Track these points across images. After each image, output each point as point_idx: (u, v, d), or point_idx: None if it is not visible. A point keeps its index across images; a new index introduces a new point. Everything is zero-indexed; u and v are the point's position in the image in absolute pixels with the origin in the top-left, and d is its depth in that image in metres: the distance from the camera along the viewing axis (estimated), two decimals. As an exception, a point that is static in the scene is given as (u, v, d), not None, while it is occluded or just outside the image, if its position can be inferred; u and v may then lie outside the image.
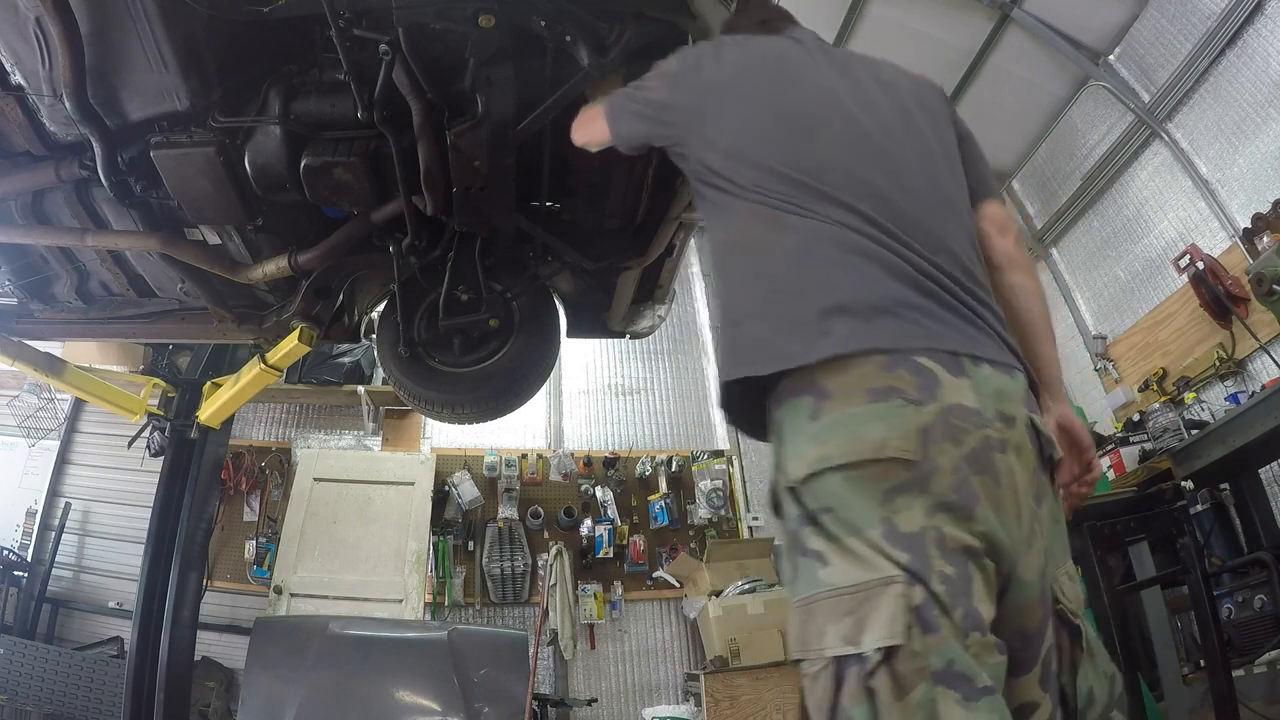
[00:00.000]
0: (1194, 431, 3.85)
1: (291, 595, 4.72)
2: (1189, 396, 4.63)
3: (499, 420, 2.53)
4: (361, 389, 5.39)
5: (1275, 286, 3.70)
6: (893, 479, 0.98)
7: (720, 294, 1.29)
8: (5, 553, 4.61)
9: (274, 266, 2.18)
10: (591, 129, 1.57)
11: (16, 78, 1.83)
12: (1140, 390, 5.15)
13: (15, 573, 4.60)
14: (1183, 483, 3.00)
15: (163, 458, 3.58)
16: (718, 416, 6.57)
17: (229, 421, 3.63)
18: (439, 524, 5.32)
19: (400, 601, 4.85)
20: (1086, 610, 1.19)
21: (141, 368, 4.68)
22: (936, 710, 0.88)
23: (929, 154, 1.30)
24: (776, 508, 1.11)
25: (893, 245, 1.13)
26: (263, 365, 2.78)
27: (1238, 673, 2.90)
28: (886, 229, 1.14)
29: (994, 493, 0.99)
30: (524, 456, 5.76)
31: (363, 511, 5.12)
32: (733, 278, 1.24)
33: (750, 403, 1.17)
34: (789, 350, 1.07)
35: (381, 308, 2.59)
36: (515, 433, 5.92)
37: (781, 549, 1.13)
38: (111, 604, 4.75)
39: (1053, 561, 1.07)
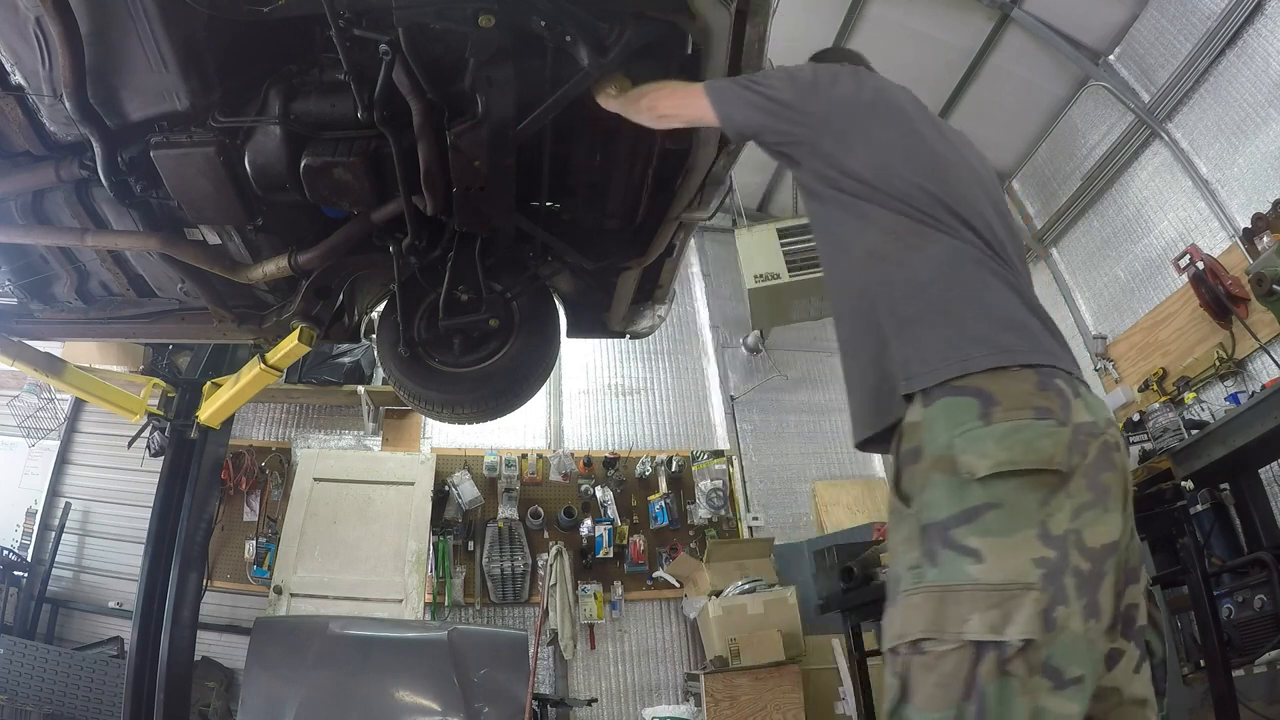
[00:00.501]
0: (1194, 431, 3.85)
1: (291, 595, 4.72)
2: (1189, 396, 4.63)
3: (499, 420, 2.53)
4: (361, 389, 5.39)
5: (1275, 286, 3.70)
6: (1050, 486, 1.12)
7: (865, 299, 1.36)
8: (5, 553, 4.61)
9: (274, 266, 2.18)
10: (688, 105, 1.60)
11: (16, 78, 1.82)
12: (1140, 390, 5.15)
13: (15, 573, 4.59)
14: (1183, 483, 2.99)
15: (163, 458, 3.58)
16: (718, 416, 6.58)
17: (229, 421, 3.63)
18: (439, 524, 5.32)
19: (400, 601, 4.85)
20: None
21: (141, 368, 4.69)
22: (1038, 695, 1.05)
23: (1005, 206, 1.52)
24: (906, 498, 1.21)
25: (1011, 274, 1.32)
26: (263, 365, 2.78)
27: (1238, 673, 2.90)
28: (1007, 259, 1.34)
29: (1117, 480, 1.17)
30: (524, 456, 5.76)
31: (363, 511, 5.12)
32: (882, 284, 1.34)
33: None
34: (974, 355, 1.20)
35: (381, 308, 2.59)
36: (515, 433, 5.93)
37: (902, 528, 1.20)
38: (111, 604, 4.75)
39: (1129, 526, 1.23)
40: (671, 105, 1.64)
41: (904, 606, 1.14)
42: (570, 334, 2.67)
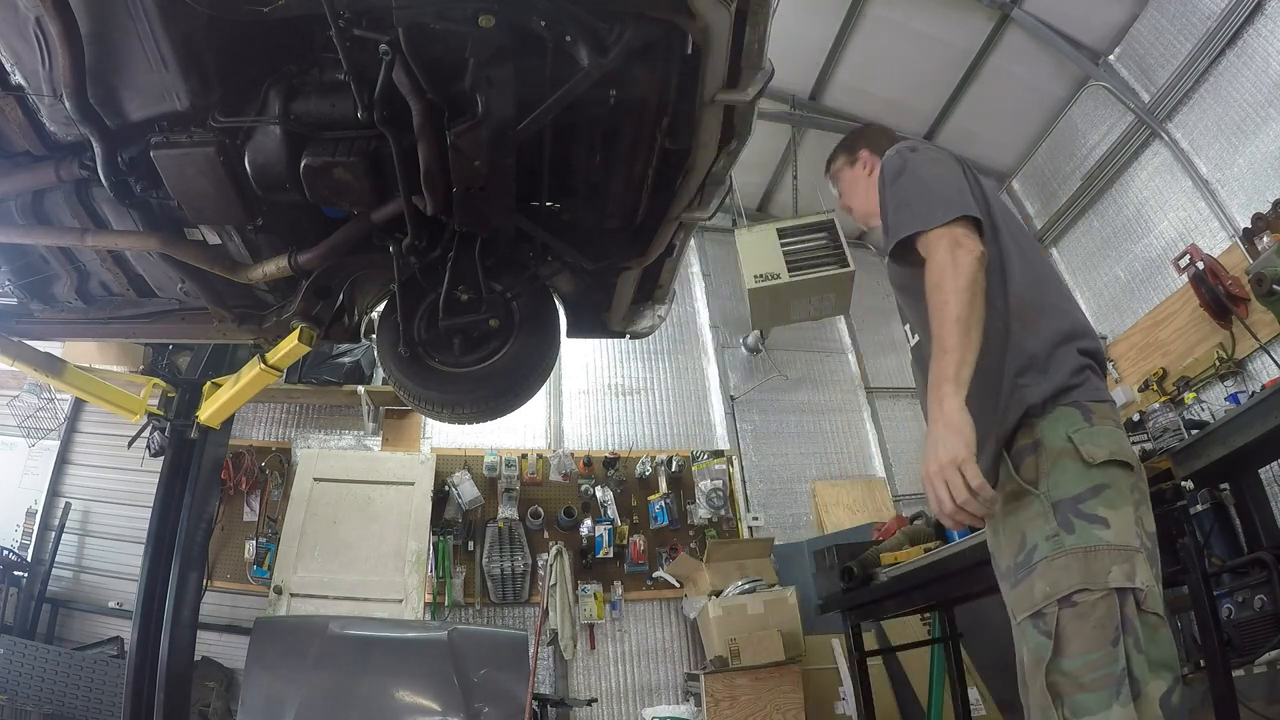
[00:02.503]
0: (1194, 431, 3.84)
1: (291, 595, 4.72)
2: (1189, 396, 4.64)
3: (499, 420, 2.53)
4: (361, 389, 5.39)
5: (1275, 286, 3.70)
6: (1134, 478, 1.44)
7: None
8: (5, 553, 4.61)
9: (274, 266, 2.18)
10: (958, 261, 1.47)
11: (16, 78, 1.82)
12: (1140, 390, 5.16)
13: (15, 573, 4.59)
14: (1183, 483, 2.99)
15: (163, 458, 3.58)
16: (718, 416, 6.59)
17: (229, 421, 3.63)
18: (439, 524, 5.32)
19: (400, 601, 4.84)
20: None
21: (141, 368, 4.68)
22: (1162, 627, 1.35)
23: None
24: (1032, 481, 1.43)
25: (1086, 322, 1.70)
26: (263, 365, 2.78)
27: (1238, 673, 2.90)
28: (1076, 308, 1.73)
29: (1147, 489, 1.49)
30: (524, 456, 5.76)
31: (363, 511, 5.12)
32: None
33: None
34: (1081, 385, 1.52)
35: (381, 308, 2.59)
36: (515, 433, 5.93)
37: (1031, 506, 1.44)
38: (111, 604, 4.75)
39: None
40: (949, 274, 1.45)
41: (1050, 569, 1.35)
42: (570, 334, 2.67)
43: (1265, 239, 4.20)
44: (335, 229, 2.13)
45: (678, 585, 5.53)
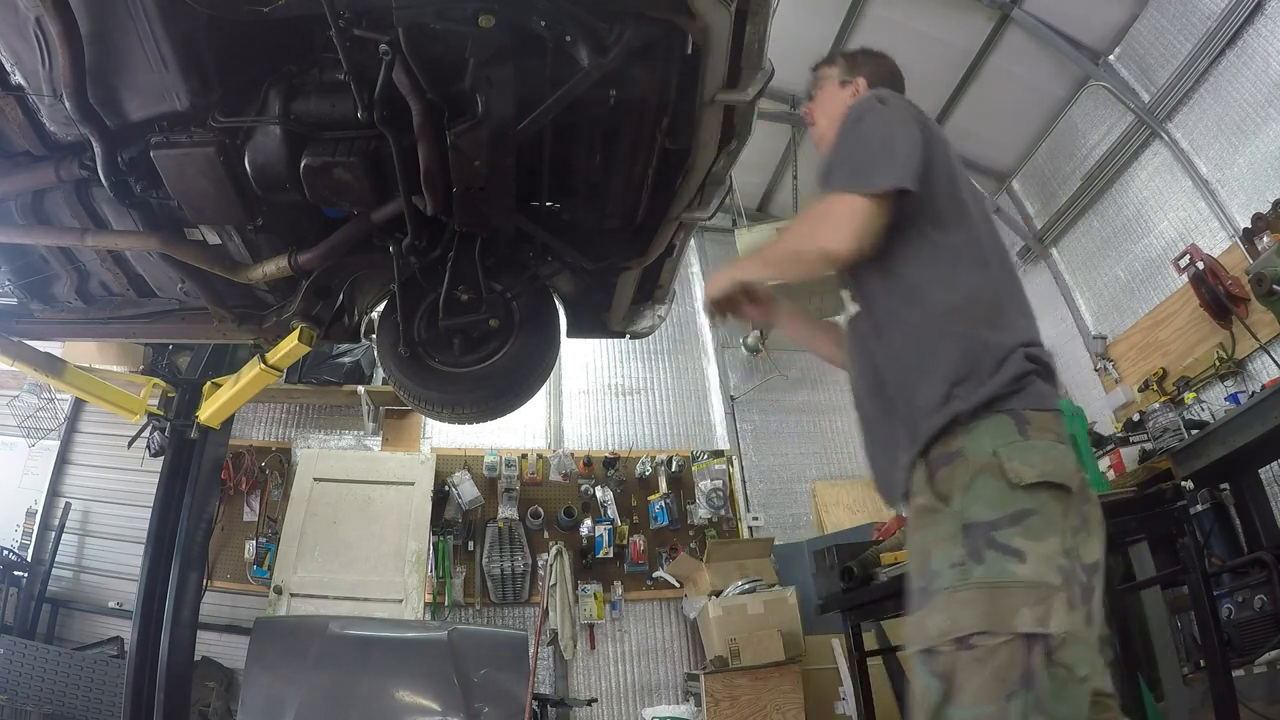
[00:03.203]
0: (1194, 431, 3.86)
1: (291, 595, 4.72)
2: (1189, 396, 4.63)
3: (499, 420, 2.53)
4: (361, 389, 5.39)
5: (1275, 286, 3.70)
6: (1069, 503, 1.25)
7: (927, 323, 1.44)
8: (5, 553, 4.61)
9: (274, 266, 2.18)
10: (850, 212, 1.42)
11: (16, 78, 1.82)
12: (1140, 390, 5.15)
13: (15, 573, 4.60)
14: (1183, 483, 2.99)
15: (163, 458, 3.58)
16: (718, 416, 6.59)
17: (229, 421, 3.63)
18: (439, 524, 5.32)
19: (400, 601, 4.85)
20: None
21: (141, 368, 4.68)
22: (1074, 683, 1.16)
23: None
24: (944, 497, 1.27)
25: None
26: (263, 365, 2.78)
27: (1238, 673, 2.90)
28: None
29: (1096, 510, 1.31)
30: (524, 456, 5.76)
31: (363, 511, 5.12)
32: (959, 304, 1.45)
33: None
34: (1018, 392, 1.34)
35: (381, 308, 2.59)
36: (515, 433, 5.93)
37: (941, 526, 1.27)
38: (111, 604, 4.75)
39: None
40: (832, 228, 1.42)
41: (950, 603, 1.19)
42: (570, 334, 2.67)
43: (1265, 239, 4.20)
44: (335, 229, 2.13)
45: (678, 585, 5.53)
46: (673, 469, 6.02)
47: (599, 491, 5.80)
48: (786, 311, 1.78)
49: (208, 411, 3.28)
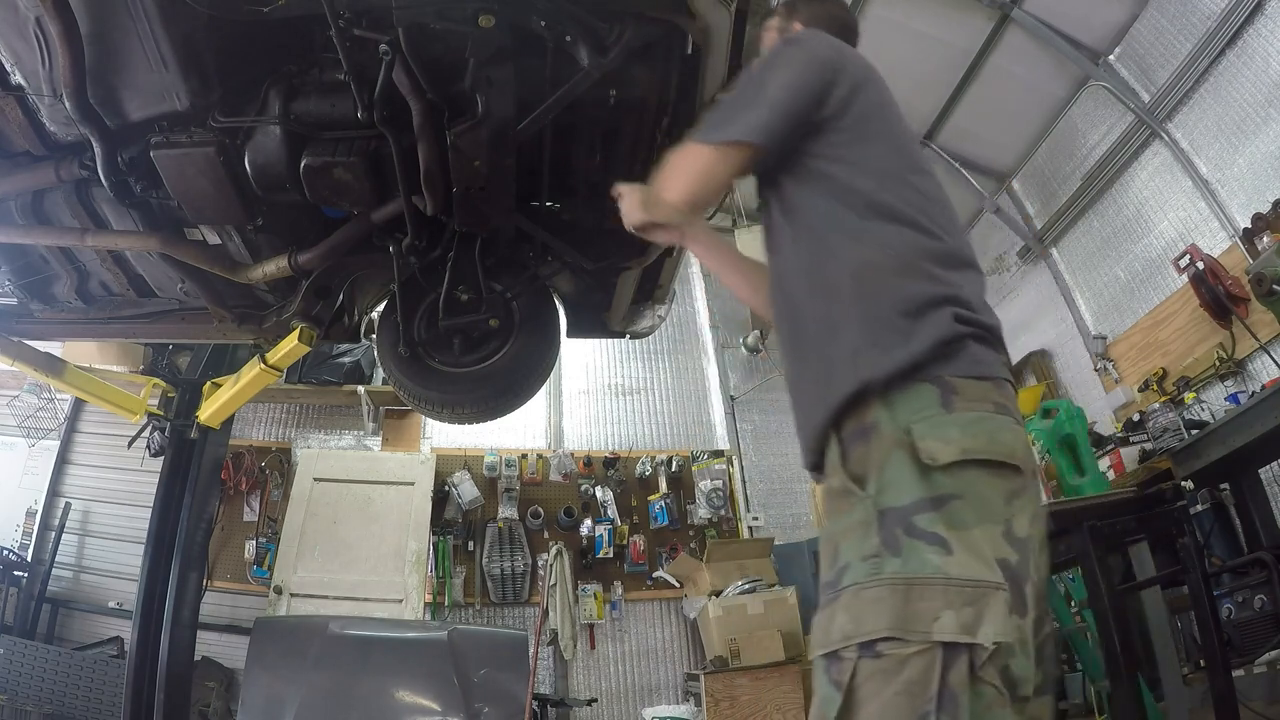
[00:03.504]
0: (1194, 431, 3.85)
1: (291, 595, 4.73)
2: (1189, 396, 4.63)
3: (499, 420, 2.53)
4: (361, 389, 5.39)
5: (1275, 286, 3.69)
6: (1015, 483, 1.07)
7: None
8: (5, 553, 4.61)
9: (274, 266, 2.18)
10: (699, 164, 1.36)
11: (16, 78, 1.83)
12: (1140, 390, 5.15)
13: (15, 573, 4.60)
14: (1183, 483, 2.99)
15: (163, 458, 3.58)
16: (718, 416, 6.58)
17: (229, 421, 3.63)
18: (439, 524, 5.32)
19: (400, 601, 4.85)
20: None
21: (141, 368, 4.68)
22: (1006, 705, 0.97)
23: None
24: (859, 479, 1.11)
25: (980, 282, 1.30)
26: (263, 365, 2.78)
27: (1238, 673, 2.90)
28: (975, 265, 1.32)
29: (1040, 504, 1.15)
30: (524, 456, 5.76)
31: (363, 511, 5.12)
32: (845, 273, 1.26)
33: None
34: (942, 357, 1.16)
35: (381, 308, 2.59)
36: (515, 433, 5.93)
37: (853, 513, 1.09)
38: (111, 604, 4.75)
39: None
40: (683, 179, 1.36)
41: (856, 601, 1.02)
42: (570, 334, 2.67)
43: (1265, 239, 4.20)
44: (335, 229, 2.13)
45: (678, 585, 5.53)
46: (673, 469, 6.02)
47: (599, 491, 5.80)
48: (703, 243, 1.57)
49: (208, 411, 3.28)
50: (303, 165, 1.84)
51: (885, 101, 1.38)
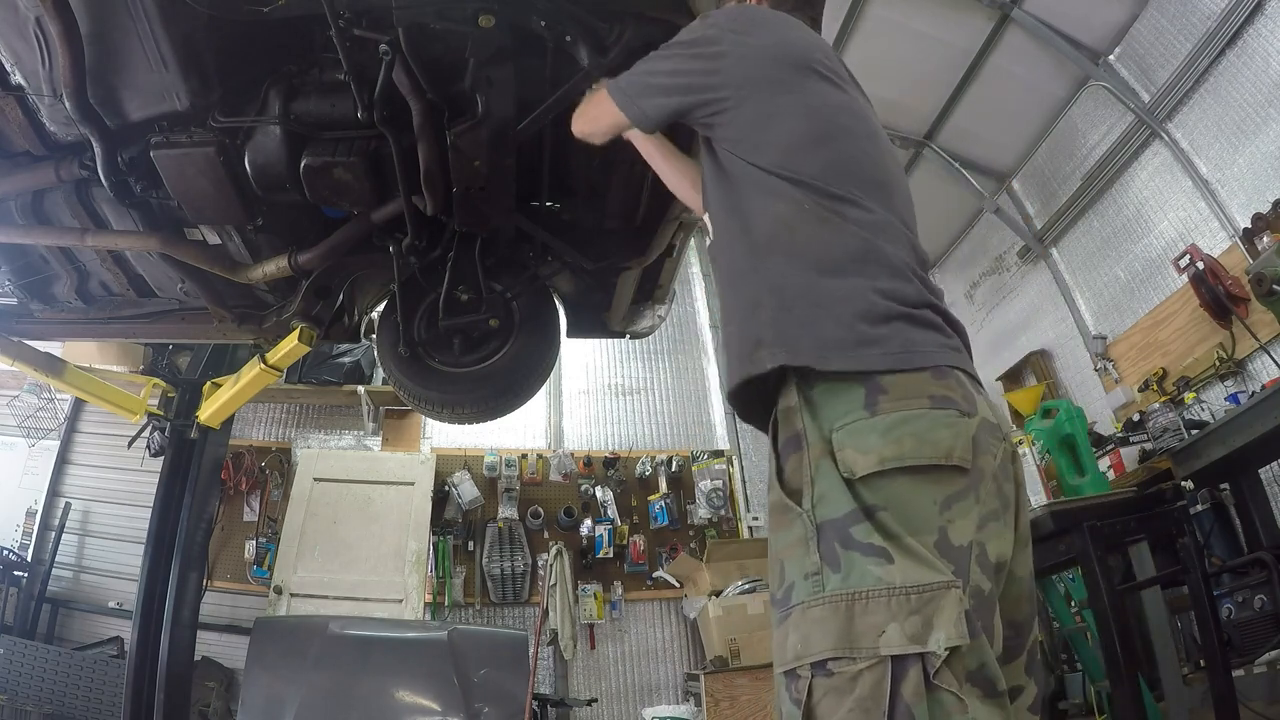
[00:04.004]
0: (1194, 431, 3.85)
1: (291, 595, 4.73)
2: (1189, 396, 4.63)
3: (499, 420, 2.53)
4: (361, 389, 5.39)
5: (1275, 286, 3.69)
6: (952, 486, 1.01)
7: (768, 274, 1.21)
8: (5, 553, 4.61)
9: (274, 266, 2.18)
10: (600, 114, 1.53)
11: (16, 78, 1.82)
12: (1140, 390, 5.15)
13: (15, 573, 4.60)
14: (1183, 483, 3.00)
15: (163, 458, 3.58)
16: (718, 416, 6.58)
17: (229, 421, 3.63)
18: (439, 524, 5.33)
19: (400, 601, 4.85)
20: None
21: (141, 368, 4.68)
22: (971, 705, 0.94)
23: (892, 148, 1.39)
24: (796, 493, 1.06)
25: (914, 259, 1.19)
26: (263, 365, 2.78)
27: (1238, 673, 2.90)
28: (913, 242, 1.21)
29: (1014, 498, 1.09)
30: (524, 456, 5.76)
31: (363, 511, 5.12)
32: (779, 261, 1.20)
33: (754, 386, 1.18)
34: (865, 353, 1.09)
35: (381, 308, 2.59)
36: (515, 433, 5.93)
37: (793, 529, 1.04)
38: (111, 604, 4.76)
39: (1027, 552, 1.16)
40: (585, 122, 1.59)
41: (804, 620, 0.99)
42: (570, 334, 2.67)
43: (1265, 239, 4.19)
44: (335, 229, 2.13)
45: (678, 585, 5.53)
46: (673, 469, 6.02)
47: (599, 491, 5.80)
48: (639, 141, 1.62)
49: (208, 411, 3.28)
50: (303, 165, 1.84)
51: (798, 67, 1.28)
